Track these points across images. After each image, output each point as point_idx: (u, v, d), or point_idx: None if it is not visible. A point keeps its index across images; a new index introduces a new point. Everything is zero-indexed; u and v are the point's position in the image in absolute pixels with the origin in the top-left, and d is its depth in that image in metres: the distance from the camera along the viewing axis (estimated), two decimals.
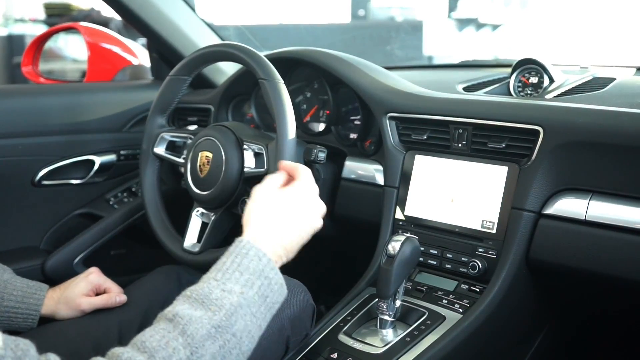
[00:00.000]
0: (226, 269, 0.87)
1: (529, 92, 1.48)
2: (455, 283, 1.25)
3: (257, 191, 0.99)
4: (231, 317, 0.82)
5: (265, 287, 0.87)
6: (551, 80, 1.44)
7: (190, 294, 0.84)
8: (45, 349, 0.76)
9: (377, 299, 1.16)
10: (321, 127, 1.62)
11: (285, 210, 0.96)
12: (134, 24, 1.79)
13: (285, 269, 1.22)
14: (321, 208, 1.02)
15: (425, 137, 1.33)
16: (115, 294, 1.20)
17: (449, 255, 1.26)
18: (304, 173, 1.03)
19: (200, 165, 1.31)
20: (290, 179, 1.04)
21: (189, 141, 1.40)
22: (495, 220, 1.21)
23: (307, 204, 1.00)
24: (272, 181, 1.02)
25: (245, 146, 1.28)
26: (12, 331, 1.17)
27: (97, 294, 1.23)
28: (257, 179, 1.25)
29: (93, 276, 1.24)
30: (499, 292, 1.16)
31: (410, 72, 1.89)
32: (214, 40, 1.92)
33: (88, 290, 1.21)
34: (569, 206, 1.14)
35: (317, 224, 1.00)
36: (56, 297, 1.20)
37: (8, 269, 1.23)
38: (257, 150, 1.27)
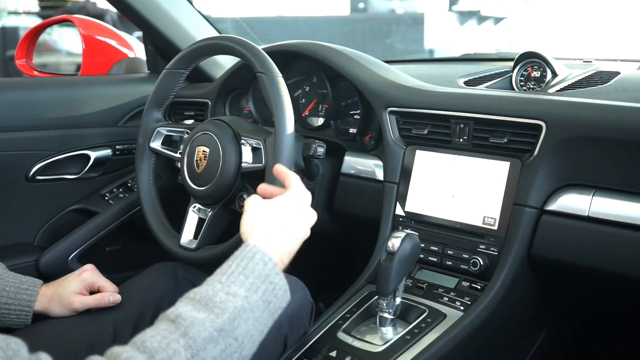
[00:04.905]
0: (231, 272, 0.86)
1: (531, 86, 1.46)
2: (456, 280, 1.24)
3: (251, 202, 0.99)
4: (234, 320, 0.81)
5: (269, 292, 0.86)
6: (554, 74, 1.42)
7: (194, 296, 0.83)
8: (39, 347, 0.75)
9: (376, 297, 1.16)
10: (320, 121, 1.60)
11: (282, 219, 0.96)
12: (130, 16, 1.77)
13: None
14: (312, 217, 1.02)
15: (426, 131, 1.31)
16: (108, 294, 1.18)
17: (449, 252, 1.25)
18: (295, 182, 1.03)
19: (197, 160, 1.30)
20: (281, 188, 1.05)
21: (186, 136, 1.39)
22: (497, 216, 1.19)
23: (301, 212, 1.00)
24: (263, 192, 1.04)
25: (242, 141, 1.27)
26: (5, 328, 1.16)
27: (92, 292, 1.21)
28: (254, 174, 1.24)
29: (87, 274, 1.22)
30: (501, 289, 1.15)
31: (411, 65, 1.88)
32: (211, 33, 1.90)
33: (81, 288, 1.19)
34: (571, 202, 1.12)
35: (307, 232, 1.00)
36: (49, 294, 1.18)
37: (1, 264, 1.22)
38: (255, 145, 1.26)
